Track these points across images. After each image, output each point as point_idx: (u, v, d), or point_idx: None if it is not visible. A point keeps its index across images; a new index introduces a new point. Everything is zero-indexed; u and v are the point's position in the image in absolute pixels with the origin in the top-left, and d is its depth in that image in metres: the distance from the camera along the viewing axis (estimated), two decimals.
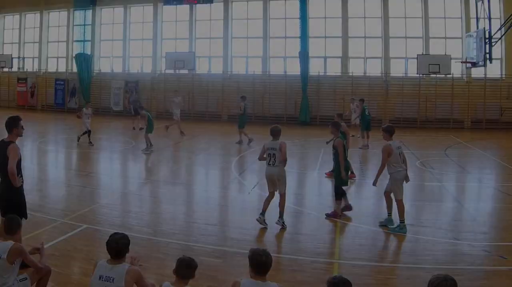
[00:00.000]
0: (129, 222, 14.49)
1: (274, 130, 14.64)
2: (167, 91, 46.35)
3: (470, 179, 22.15)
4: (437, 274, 6.11)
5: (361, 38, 44.81)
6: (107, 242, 7.53)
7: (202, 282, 9.85)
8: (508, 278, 10.81)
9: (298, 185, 21.10)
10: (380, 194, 15.94)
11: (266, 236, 13.77)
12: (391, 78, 43.62)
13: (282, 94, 44.54)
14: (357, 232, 14.17)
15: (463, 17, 42.55)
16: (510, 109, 40.90)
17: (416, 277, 10.88)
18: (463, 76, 42.47)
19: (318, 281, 10.44)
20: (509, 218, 15.42)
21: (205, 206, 17.18)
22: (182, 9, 48.46)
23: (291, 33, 45.44)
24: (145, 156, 26.71)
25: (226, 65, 47.19)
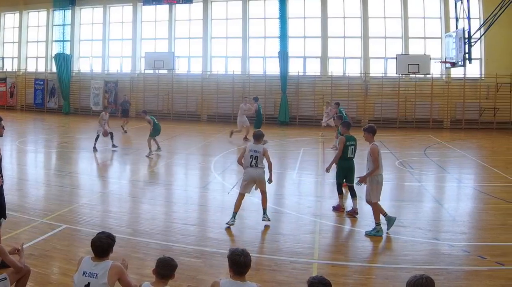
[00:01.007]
0: (108, 222, 14.44)
1: (257, 134, 15.00)
2: (146, 91, 46.83)
3: (449, 179, 22.19)
4: (415, 274, 6.20)
5: (341, 38, 44.88)
6: (92, 240, 7.55)
7: (181, 282, 9.87)
8: (487, 278, 10.82)
9: (278, 185, 20.86)
10: (359, 194, 16.17)
11: (245, 236, 13.80)
12: (371, 78, 43.81)
13: (261, 94, 43.93)
14: (337, 232, 14.23)
15: (442, 17, 42.81)
16: (489, 109, 41.16)
17: (395, 277, 10.92)
18: (443, 76, 42.79)
19: (297, 281, 10.50)
20: (489, 218, 15.47)
21: (185, 206, 17.17)
22: (161, 9, 48.43)
23: (271, 33, 45.48)
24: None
25: (206, 65, 47.19)
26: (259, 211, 15.42)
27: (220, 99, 45.22)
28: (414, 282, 6.03)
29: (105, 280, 7.24)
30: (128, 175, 23.02)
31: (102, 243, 7.46)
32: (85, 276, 7.30)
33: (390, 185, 20.19)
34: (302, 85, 44.64)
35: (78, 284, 7.35)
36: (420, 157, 26.58)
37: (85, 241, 8.52)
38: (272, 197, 17.61)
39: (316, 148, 30.05)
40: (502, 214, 16.06)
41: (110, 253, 7.57)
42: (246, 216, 15.59)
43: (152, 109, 45.31)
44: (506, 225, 14.85)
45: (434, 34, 43.45)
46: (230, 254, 7.00)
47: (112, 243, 7.60)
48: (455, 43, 35.02)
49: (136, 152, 28.09)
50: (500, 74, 40.42)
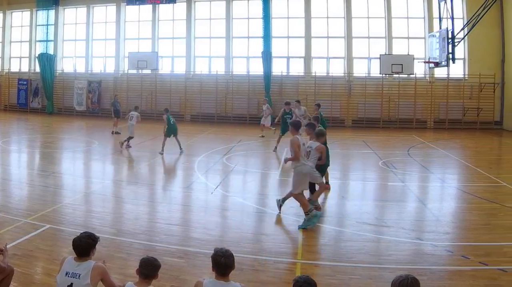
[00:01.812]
0: (92, 222, 14.38)
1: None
2: (129, 91, 46.82)
3: (433, 179, 22.20)
4: (400, 274, 6.18)
5: (324, 38, 44.94)
6: (73, 240, 7.53)
7: (164, 282, 9.84)
8: (471, 278, 10.85)
9: (261, 185, 21.14)
10: (334, 194, 16.76)
11: (229, 236, 13.78)
12: (354, 78, 43.84)
13: (245, 94, 44.63)
14: (320, 232, 14.13)
15: (426, 17, 42.96)
16: (473, 109, 41.35)
17: (378, 277, 10.94)
18: (426, 76, 42.93)
19: (281, 281, 10.53)
20: (472, 218, 15.49)
21: (168, 206, 17.15)
22: (145, 9, 48.37)
23: (254, 33, 45.49)
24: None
25: (189, 65, 47.18)
26: (243, 211, 15.76)
27: (204, 99, 45.20)
28: (400, 282, 6.01)
29: (88, 281, 7.22)
30: (112, 175, 22.94)
31: (82, 243, 7.44)
32: (68, 277, 7.28)
33: (374, 185, 20.28)
34: (286, 85, 44.69)
35: (61, 284, 7.32)
36: (403, 157, 26.63)
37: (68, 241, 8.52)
38: (255, 197, 18.01)
39: None
40: (485, 214, 16.14)
41: (92, 253, 7.54)
42: (229, 216, 15.68)
43: None
44: (490, 225, 14.92)
45: (418, 34, 43.60)
46: (213, 254, 7.00)
47: (93, 243, 7.56)
48: (439, 43, 35.12)
49: (119, 152, 28.02)
50: (484, 74, 40.60)
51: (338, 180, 21.44)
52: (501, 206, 16.78)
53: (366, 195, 19.49)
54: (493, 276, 10.89)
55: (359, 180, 22.38)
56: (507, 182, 20.64)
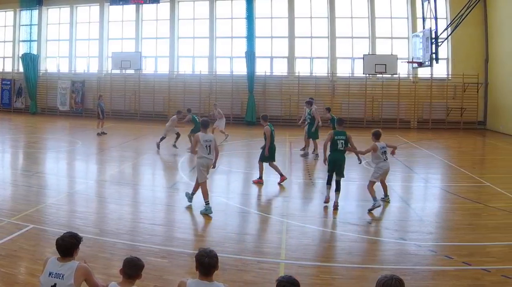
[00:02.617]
0: (75, 222, 14.38)
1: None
2: (113, 91, 46.61)
3: (416, 179, 22.29)
4: (384, 274, 6.15)
5: (308, 38, 44.93)
6: (56, 240, 7.49)
7: (148, 282, 9.85)
8: (454, 278, 10.90)
9: (244, 185, 21.18)
10: (318, 195, 17.08)
11: (212, 236, 13.85)
12: (338, 78, 43.85)
13: (228, 94, 44.54)
14: (303, 232, 14.17)
15: (409, 17, 43.02)
16: (456, 109, 41.45)
17: (362, 277, 11.01)
18: (410, 76, 42.98)
19: (265, 281, 10.59)
20: (455, 218, 15.55)
21: (152, 206, 17.16)
22: (128, 9, 48.16)
23: (238, 33, 45.45)
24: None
25: (173, 65, 47.08)
26: (227, 211, 15.98)
27: (187, 99, 44.84)
28: (384, 282, 5.98)
29: (71, 281, 7.18)
30: (95, 175, 22.86)
31: (65, 242, 7.39)
32: (51, 277, 7.24)
33: (357, 185, 20.31)
34: (269, 85, 44.67)
35: (45, 285, 7.28)
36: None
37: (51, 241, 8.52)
38: (239, 197, 18.20)
39: (283, 148, 29.99)
40: (469, 214, 16.23)
41: (75, 253, 7.51)
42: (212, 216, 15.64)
43: (119, 109, 46.16)
44: (473, 225, 15.00)
45: (401, 34, 43.65)
46: (197, 254, 6.96)
47: (76, 243, 7.51)
48: (422, 43, 35.25)
49: (102, 152, 28.12)
50: (467, 74, 40.70)
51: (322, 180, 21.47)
52: (484, 206, 16.92)
53: (350, 195, 19.49)
54: (477, 276, 10.97)
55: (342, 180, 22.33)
56: (491, 182, 20.78)
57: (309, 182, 21.58)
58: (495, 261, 11.80)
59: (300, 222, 15.00)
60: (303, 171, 23.63)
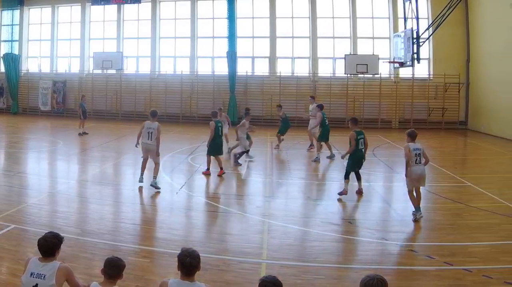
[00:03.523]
0: (57, 222, 14.31)
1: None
2: (94, 91, 46.53)
3: (398, 179, 21.94)
4: (368, 274, 6.14)
5: (289, 38, 45.06)
6: (38, 239, 7.44)
7: (129, 282, 9.85)
8: (436, 278, 10.94)
9: (226, 185, 21.13)
10: (300, 194, 17.57)
11: (194, 236, 13.84)
12: (319, 78, 43.98)
13: (210, 94, 44.63)
14: (285, 232, 14.16)
15: (391, 17, 43.19)
16: (437, 109, 41.64)
17: (343, 277, 11.03)
18: (391, 76, 43.12)
19: (246, 281, 10.58)
20: (437, 218, 15.55)
21: (133, 206, 17.18)
22: (109, 9, 48.13)
23: (219, 33, 45.50)
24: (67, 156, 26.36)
25: (154, 65, 47.06)
26: (208, 211, 16.05)
27: (169, 99, 45.09)
28: (365, 282, 5.98)
29: (53, 281, 7.15)
30: (77, 175, 22.72)
31: (47, 242, 7.35)
32: (33, 277, 7.20)
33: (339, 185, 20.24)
34: (251, 85, 44.77)
35: (26, 285, 7.25)
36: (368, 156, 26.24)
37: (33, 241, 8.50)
38: (220, 197, 18.41)
39: (264, 147, 30.22)
40: (450, 214, 16.28)
41: (56, 254, 7.47)
42: (194, 216, 15.78)
43: (101, 109, 46.13)
44: (454, 225, 15.03)
45: (383, 34, 43.85)
46: (179, 254, 6.91)
47: (58, 243, 7.47)
48: (404, 43, 35.40)
49: (84, 152, 28.15)
50: (448, 74, 40.88)
51: (304, 180, 21.74)
52: (466, 206, 16.96)
53: (332, 195, 19.44)
54: (458, 276, 10.98)
55: (324, 180, 22.53)
56: (472, 182, 20.85)
57: (290, 181, 21.53)
58: (477, 261, 11.82)
59: (281, 222, 15.00)
60: (284, 170, 23.68)
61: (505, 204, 17.27)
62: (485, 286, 10.50)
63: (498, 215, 15.90)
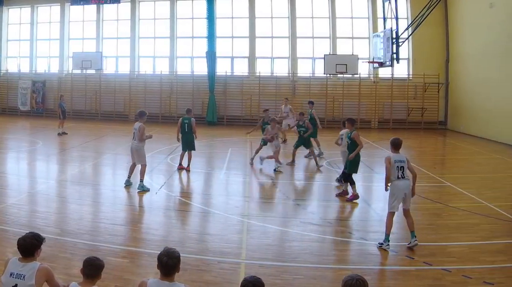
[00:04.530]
0: (36, 222, 14.24)
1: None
2: (74, 91, 46.40)
3: (377, 179, 21.91)
4: (350, 274, 6.12)
5: (268, 38, 45.11)
6: (17, 240, 7.41)
7: (109, 282, 9.81)
8: (415, 278, 10.98)
9: (205, 185, 21.22)
10: (279, 194, 17.53)
11: (173, 236, 13.77)
12: (298, 78, 44.11)
13: (189, 94, 44.60)
14: (264, 232, 14.19)
15: (370, 17, 43.38)
16: (417, 109, 41.83)
17: (322, 277, 11.01)
18: (370, 76, 43.30)
19: (225, 281, 10.58)
20: (416, 218, 15.33)
21: (113, 206, 17.07)
22: (89, 9, 47.94)
23: (198, 33, 45.48)
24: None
25: (133, 65, 47.00)
26: (187, 211, 16.10)
27: (148, 99, 44.97)
28: (345, 282, 5.98)
29: (32, 282, 7.13)
30: (56, 175, 22.63)
31: (26, 243, 7.32)
32: (12, 277, 7.18)
33: (318, 184, 20.41)
34: (230, 85, 44.79)
35: (6, 285, 7.22)
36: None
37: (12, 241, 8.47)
38: (200, 197, 18.35)
39: (244, 148, 30.23)
40: (429, 214, 16.34)
41: (36, 254, 7.43)
42: (173, 216, 15.85)
43: (80, 109, 45.98)
44: (434, 225, 15.13)
45: (362, 34, 44.01)
46: (158, 254, 6.87)
47: (37, 243, 7.42)
48: (383, 43, 35.46)
49: (63, 152, 28.04)
50: (428, 74, 41.09)
51: (283, 180, 21.65)
52: (445, 206, 17.05)
53: (311, 195, 19.68)
54: (437, 276, 11.02)
55: (303, 180, 22.54)
56: (451, 181, 20.96)
57: (270, 182, 21.57)
58: (456, 261, 11.89)
59: (260, 222, 15.03)
60: (264, 171, 23.55)
61: (484, 204, 17.36)
62: (464, 286, 10.53)
63: (477, 215, 16.00)
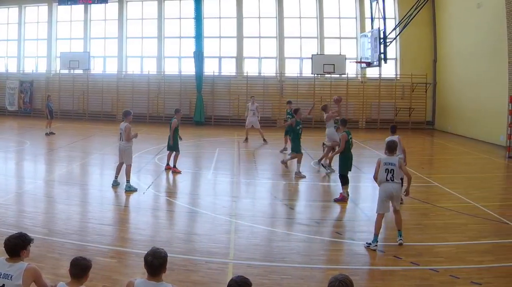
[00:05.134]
0: (24, 222, 14.22)
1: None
2: (61, 91, 46.37)
3: (364, 179, 22.14)
4: (336, 276, 6.05)
5: (256, 38, 45.14)
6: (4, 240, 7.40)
7: (96, 282, 9.84)
8: (403, 278, 10.99)
9: (193, 185, 21.26)
10: (267, 194, 17.89)
11: (160, 236, 13.76)
12: (286, 78, 44.14)
13: (176, 94, 44.62)
14: (252, 232, 14.21)
15: (357, 17, 43.44)
16: (404, 109, 42.00)
17: (310, 277, 11.01)
18: (358, 76, 43.32)
19: (213, 281, 10.60)
20: (404, 218, 15.25)
21: (100, 206, 17.06)
22: (76, 9, 47.78)
23: (186, 33, 45.43)
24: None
25: (121, 65, 46.91)
26: (175, 211, 16.23)
27: (136, 99, 44.93)
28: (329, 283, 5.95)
29: (20, 282, 7.11)
30: (44, 175, 22.58)
31: (10, 242, 7.30)
32: (0, 278, 7.15)
33: (306, 185, 20.36)
34: (218, 85, 44.75)
35: None
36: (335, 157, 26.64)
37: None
38: (187, 197, 18.35)
39: (232, 148, 30.31)
40: (417, 214, 16.37)
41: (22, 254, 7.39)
42: (161, 216, 15.86)
43: (68, 109, 45.95)
44: (421, 225, 15.14)
45: (350, 34, 44.08)
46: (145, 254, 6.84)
47: (21, 243, 7.38)
48: (371, 43, 35.59)
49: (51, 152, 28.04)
50: (415, 74, 41.23)
51: (271, 180, 21.81)
52: (432, 206, 17.10)
53: (298, 195, 19.68)
54: (425, 276, 11.06)
55: (291, 180, 22.34)
56: (439, 181, 21.06)
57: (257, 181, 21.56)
58: (443, 261, 11.92)
59: (248, 222, 15.04)
60: (251, 170, 23.73)
61: (472, 203, 17.44)
62: (452, 286, 10.58)
63: (465, 215, 16.07)
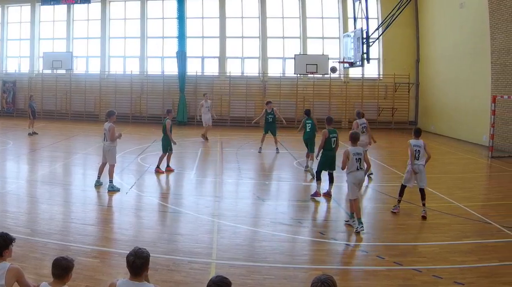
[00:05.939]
0: (6, 222, 14.15)
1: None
2: (44, 91, 46.29)
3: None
4: (319, 277, 6.01)
5: (239, 38, 45.17)
6: None
7: (79, 282, 9.82)
8: (386, 278, 11.01)
9: (176, 185, 21.20)
10: (249, 194, 18.03)
11: (143, 236, 13.74)
12: (269, 78, 44.07)
13: (159, 94, 44.56)
14: (235, 232, 14.18)
15: (340, 17, 43.55)
16: (387, 109, 42.18)
17: (293, 277, 11.02)
18: (341, 76, 43.37)
19: (195, 281, 10.57)
20: (387, 218, 15.56)
21: (83, 206, 16.95)
22: (59, 9, 47.70)
23: (169, 33, 45.40)
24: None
25: (104, 65, 46.78)
26: (158, 211, 16.23)
27: (118, 99, 44.93)
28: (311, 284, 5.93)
29: (2, 282, 7.11)
30: (26, 175, 22.47)
31: None
32: None
33: (288, 185, 20.47)
34: (201, 85, 44.59)
35: None
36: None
37: None
38: (170, 197, 18.37)
39: (215, 148, 30.33)
40: (400, 214, 16.31)
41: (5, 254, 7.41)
42: (144, 216, 15.76)
43: (51, 109, 45.88)
44: (404, 225, 15.13)
45: (332, 34, 44.20)
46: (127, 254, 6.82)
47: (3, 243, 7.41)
48: (353, 43, 35.42)
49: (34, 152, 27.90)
50: (398, 74, 41.46)
51: (253, 180, 21.78)
52: (416, 206, 16.97)
53: (281, 195, 19.68)
54: (408, 276, 11.09)
55: (273, 180, 22.54)
56: None
57: (240, 181, 21.60)
58: (426, 261, 11.95)
59: (231, 222, 15.03)
60: (234, 170, 23.69)
61: (455, 204, 17.57)
62: (435, 286, 10.61)
63: (448, 215, 16.13)
